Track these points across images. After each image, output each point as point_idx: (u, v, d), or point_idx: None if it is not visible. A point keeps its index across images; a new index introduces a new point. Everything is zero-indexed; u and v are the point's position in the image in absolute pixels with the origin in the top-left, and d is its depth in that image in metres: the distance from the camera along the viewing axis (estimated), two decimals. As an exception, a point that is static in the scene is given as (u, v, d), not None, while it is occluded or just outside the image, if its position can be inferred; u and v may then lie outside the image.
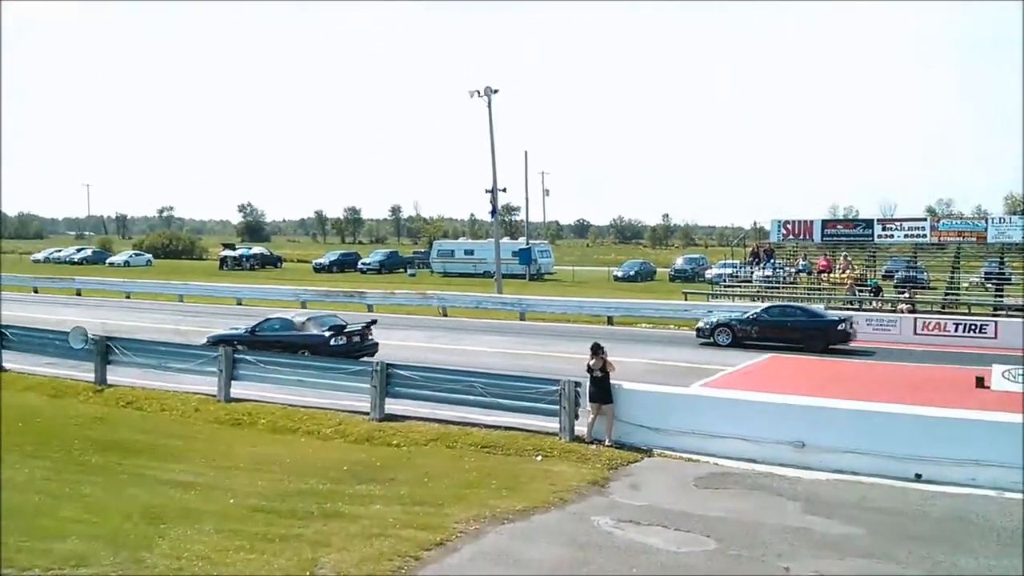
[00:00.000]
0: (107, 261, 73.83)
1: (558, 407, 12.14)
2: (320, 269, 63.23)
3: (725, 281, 35.55)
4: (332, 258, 66.59)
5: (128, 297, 38.36)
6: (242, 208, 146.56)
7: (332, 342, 17.85)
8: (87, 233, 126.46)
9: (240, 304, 35.18)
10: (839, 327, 21.95)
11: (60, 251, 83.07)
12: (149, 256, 78.14)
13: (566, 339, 23.53)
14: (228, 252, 69.69)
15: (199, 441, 12.30)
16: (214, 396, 14.54)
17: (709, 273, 44.89)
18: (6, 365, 17.36)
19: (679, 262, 57.01)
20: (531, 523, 8.77)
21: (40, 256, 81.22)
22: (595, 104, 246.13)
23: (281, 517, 8.83)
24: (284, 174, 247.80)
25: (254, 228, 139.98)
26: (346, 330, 18.54)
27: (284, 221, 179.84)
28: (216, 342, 16.96)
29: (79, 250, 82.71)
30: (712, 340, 22.60)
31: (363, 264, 63.29)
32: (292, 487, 9.95)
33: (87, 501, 9.27)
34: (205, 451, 11.68)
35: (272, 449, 11.94)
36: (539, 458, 11.35)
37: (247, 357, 14.94)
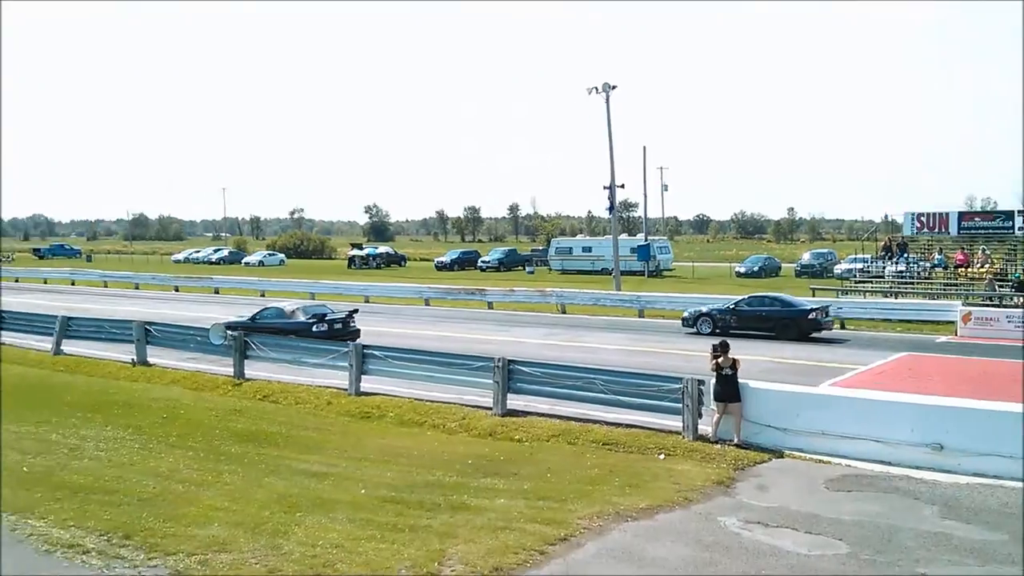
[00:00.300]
0: (243, 261, 77.22)
1: (681, 405, 11.97)
2: (441, 267, 64.43)
3: (855, 277, 34.25)
4: (453, 257, 67.70)
5: (263, 295, 40.00)
6: (368, 209, 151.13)
7: (314, 328, 19.92)
8: (223, 234, 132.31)
9: (368, 301, 36.19)
10: (810, 316, 22.89)
11: (199, 252, 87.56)
12: (282, 256, 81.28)
13: (687, 336, 23.20)
14: (356, 252, 71.80)
15: (331, 433, 12.76)
16: (345, 390, 15.04)
17: (838, 268, 43.35)
18: (152, 360, 18.44)
19: (806, 257, 55.25)
20: (655, 522, 8.71)
21: (180, 257, 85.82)
22: (715, 97, 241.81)
23: (409, 508, 9.06)
24: (407, 176, 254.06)
25: (379, 228, 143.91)
26: (327, 318, 20.66)
27: (407, 221, 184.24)
28: (228, 327, 18.46)
29: (216, 251, 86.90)
30: (696, 329, 24.03)
31: (482, 262, 64.05)
32: (420, 479, 10.20)
33: (228, 489, 9.76)
34: (337, 443, 12.10)
35: (400, 442, 12.26)
36: (662, 456, 11.24)
37: (376, 353, 15.38)
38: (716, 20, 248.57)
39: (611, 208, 40.70)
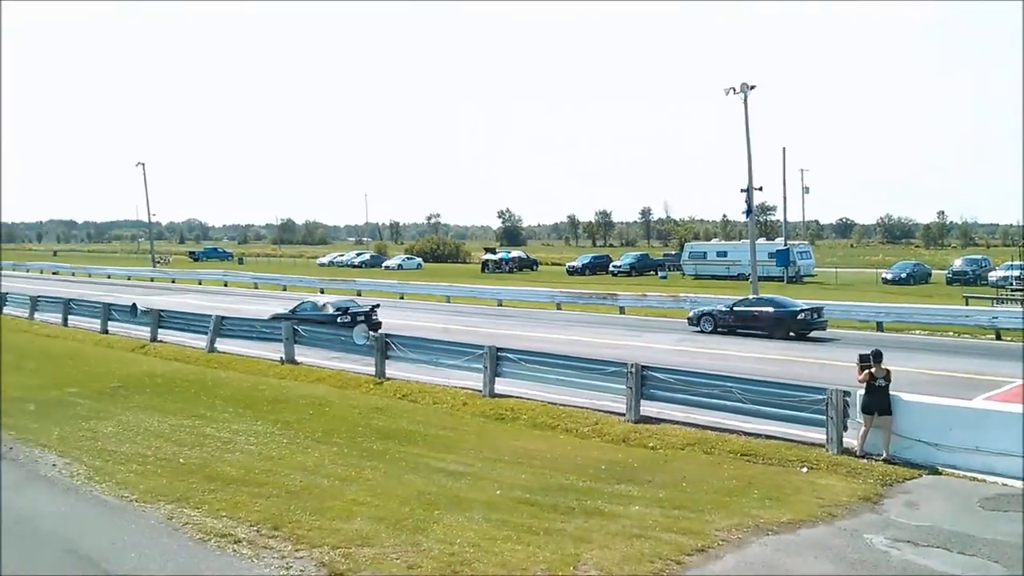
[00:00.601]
0: (383, 264, 79.52)
1: (824, 417, 11.53)
2: (573, 272, 64.44)
3: (1012, 284, 32.14)
4: (584, 261, 67.60)
5: (402, 297, 41.16)
6: (501, 214, 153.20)
7: (338, 319, 22.98)
8: (365, 239, 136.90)
9: (501, 305, 36.66)
10: (799, 317, 24.67)
11: (342, 255, 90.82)
12: (419, 260, 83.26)
13: (828, 345, 22.37)
14: (489, 256, 72.84)
15: (467, 433, 12.98)
16: (480, 392, 15.27)
17: (993, 276, 40.83)
18: (299, 358, 19.24)
19: (958, 263, 52.25)
20: (797, 536, 8.43)
21: (325, 260, 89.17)
22: (859, 96, 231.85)
23: (544, 511, 9.11)
24: (539, 181, 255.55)
25: (512, 233, 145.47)
26: (351, 311, 23.94)
27: (539, 226, 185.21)
28: (274, 318, 22.74)
29: (358, 254, 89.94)
30: (699, 327, 26.07)
31: (614, 267, 63.68)
32: (554, 482, 10.24)
33: (370, 485, 10.08)
34: (472, 443, 12.30)
35: (533, 444, 12.34)
36: (804, 470, 10.87)
37: (510, 356, 15.55)
38: (857, 18, 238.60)
39: (748, 211, 39.57)
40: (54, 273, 68.39)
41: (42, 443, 12.03)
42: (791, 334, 24.21)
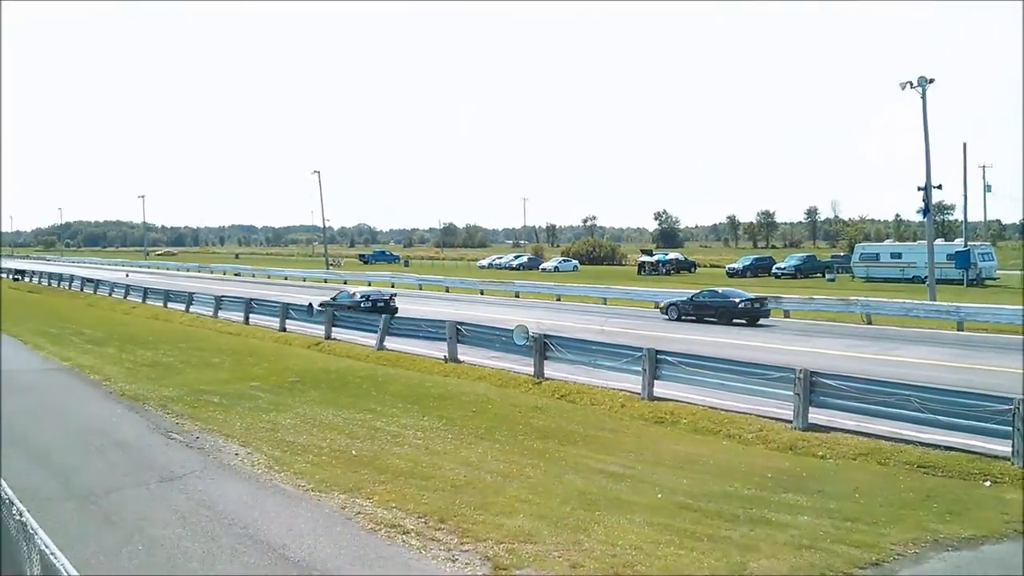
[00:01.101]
0: (540, 267, 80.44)
1: (1010, 428, 10.75)
2: (733, 274, 62.93)
3: None
4: (745, 263, 65.91)
5: (559, 299, 41.46)
6: (658, 215, 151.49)
7: (361, 305, 29.26)
8: (522, 242, 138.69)
9: (658, 307, 36.27)
10: (741, 306, 29.43)
11: (501, 258, 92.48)
12: (576, 262, 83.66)
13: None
14: (646, 258, 72.29)
15: (626, 436, 12.91)
16: (638, 394, 15.15)
17: None
18: (461, 357, 19.72)
19: None
20: (980, 553, 7.91)
21: (484, 263, 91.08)
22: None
23: (707, 517, 8.94)
24: (697, 181, 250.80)
25: (669, 234, 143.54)
26: (371, 298, 30.46)
27: (696, 227, 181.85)
28: (323, 305, 28.16)
29: (516, 257, 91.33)
30: (667, 316, 31.11)
31: (777, 269, 61.73)
32: (717, 488, 10.03)
33: (531, 483, 10.20)
34: (632, 445, 12.22)
35: (694, 449, 12.13)
36: (987, 483, 10.17)
37: (668, 359, 15.35)
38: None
39: (926, 211, 37.42)
40: (236, 275, 73.08)
41: (226, 433, 12.88)
42: (739, 321, 29.26)
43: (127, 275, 64.30)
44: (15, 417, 13.89)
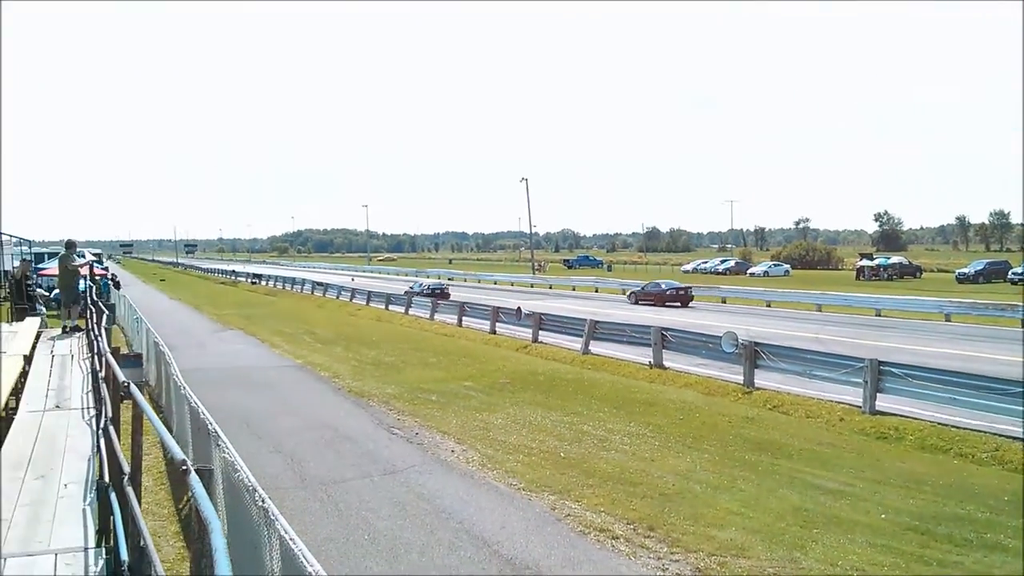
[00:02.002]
0: (748, 271, 78.17)
1: None
2: (964, 280, 58.32)
3: None
4: (977, 267, 60.87)
5: (768, 305, 40.05)
6: (878, 217, 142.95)
7: (423, 293, 40.74)
8: (729, 245, 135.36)
9: (878, 315, 34.25)
10: (668, 293, 41.01)
11: (706, 263, 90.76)
12: (787, 267, 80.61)
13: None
14: (865, 262, 68.44)
15: (845, 451, 12.28)
16: (858, 407, 14.37)
17: None
18: (666, 363, 19.51)
19: None
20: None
21: (689, 267, 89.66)
22: None
23: (936, 540, 8.36)
24: (921, 180, 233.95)
25: (890, 237, 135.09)
26: (432, 288, 44.46)
27: (921, 229, 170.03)
28: (406, 293, 38.96)
29: (722, 261, 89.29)
30: (629, 300, 42.35)
31: (1013, 274, 56.47)
32: (947, 510, 9.35)
33: (743, 496, 9.95)
34: (852, 462, 11.61)
35: (922, 467, 11.35)
36: None
37: (893, 371, 14.46)
38: None
39: None
40: (449, 279, 76.13)
41: (442, 430, 13.46)
42: (673, 304, 39.83)
43: (352, 279, 68.61)
44: (255, 409, 15.19)
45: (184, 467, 3.86)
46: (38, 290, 20.90)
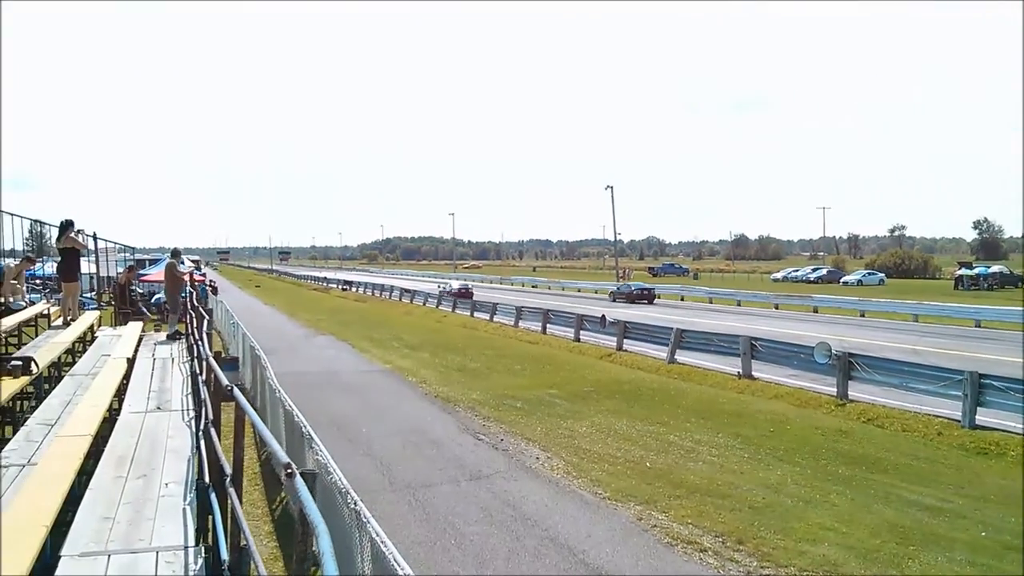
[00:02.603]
0: (840, 280, 76.09)
1: None
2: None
3: None
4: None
5: (862, 315, 38.96)
6: (977, 224, 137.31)
7: (451, 291, 51.13)
8: (820, 253, 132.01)
9: (978, 326, 32.93)
10: (633, 292, 51.93)
11: (796, 271, 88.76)
12: (882, 275, 78.22)
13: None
14: (964, 271, 65.84)
15: (944, 466, 11.84)
16: (957, 421, 13.85)
17: None
18: (755, 374, 19.13)
19: None
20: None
21: (779, 275, 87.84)
22: None
23: (1042, 562, 8.01)
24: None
25: (991, 245, 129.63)
26: (457, 286, 55.79)
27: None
28: (441, 293, 48.36)
29: (814, 269, 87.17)
30: (612, 300, 51.37)
31: None
32: (1053, 531, 8.94)
33: (836, 511, 9.69)
34: (951, 478, 11.18)
35: (1026, 485, 10.87)
36: None
37: (995, 384, 13.88)
38: None
39: None
40: (533, 286, 76.30)
41: (527, 437, 13.50)
42: (641, 300, 49.85)
43: (438, 287, 69.45)
44: (346, 413, 15.51)
45: (289, 470, 3.98)
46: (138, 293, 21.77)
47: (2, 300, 15.21)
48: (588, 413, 15.42)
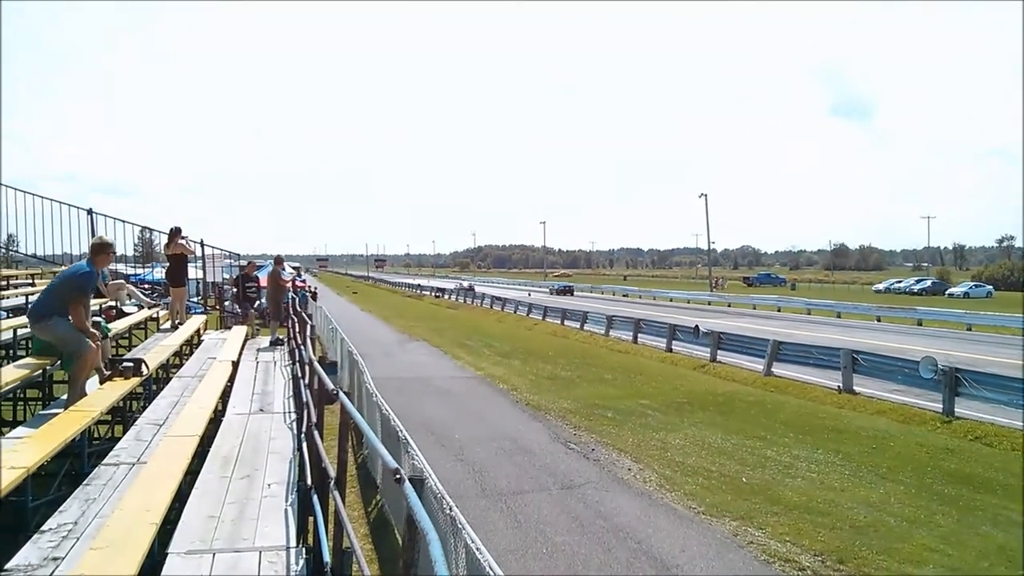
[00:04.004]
0: (946, 292, 73.22)
1: None
2: None
3: None
4: None
5: (969, 329, 37.37)
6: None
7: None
8: (924, 264, 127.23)
9: (1100, 342, 31.17)
10: (557, 290, 78.20)
11: (900, 282, 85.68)
12: (990, 288, 75.03)
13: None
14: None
15: (1060, 490, 11.26)
16: (1075, 442, 13.16)
17: None
18: (856, 388, 18.53)
19: None
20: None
21: (881, 287, 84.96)
22: None
23: None
24: None
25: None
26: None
27: None
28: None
29: (918, 281, 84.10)
30: (550, 293, 75.78)
31: None
32: None
33: (941, 531, 9.31)
34: (1069, 502, 10.63)
35: None
36: None
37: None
38: None
39: None
40: (624, 295, 75.75)
41: (619, 448, 13.41)
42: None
43: (529, 294, 69.68)
44: (438, 418, 15.70)
45: (397, 475, 4.04)
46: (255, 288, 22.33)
47: (115, 304, 15.90)
48: (681, 425, 15.22)
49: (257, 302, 19.04)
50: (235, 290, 19.60)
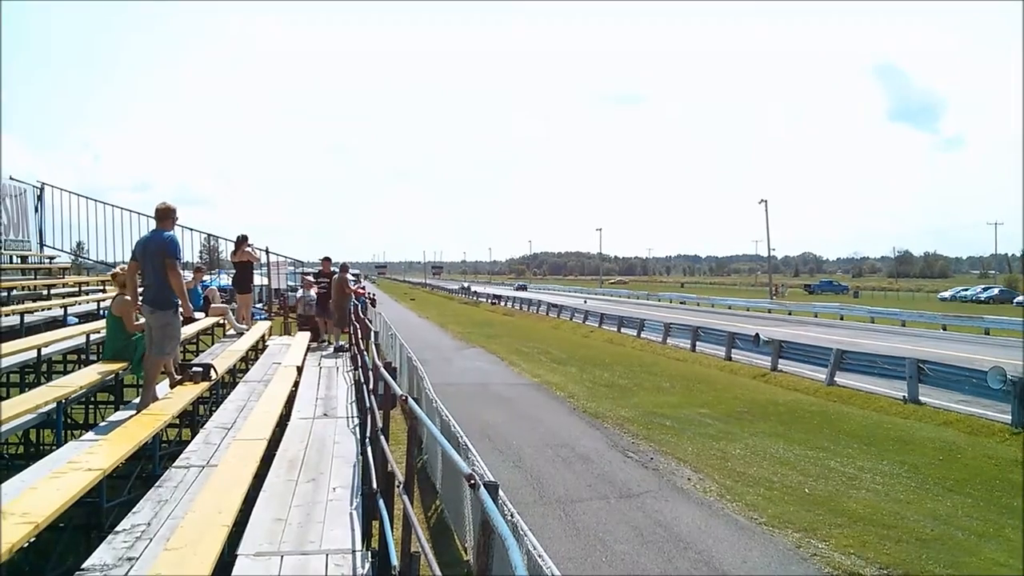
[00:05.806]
0: (1014, 300, 71.12)
1: None
2: None
3: None
4: None
5: (1039, 339, 36.22)
6: None
7: (463, 289, 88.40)
8: (991, 272, 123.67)
9: None
10: (516, 288, 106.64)
11: (966, 290, 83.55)
12: (1062, 296, 72.46)
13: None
14: None
15: None
16: None
17: None
18: (922, 399, 18.11)
19: None
20: None
21: (947, 295, 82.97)
22: None
23: None
24: None
25: None
26: (469, 288, 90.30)
27: None
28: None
29: (985, 289, 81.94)
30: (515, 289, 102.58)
31: None
32: None
33: (1012, 546, 9.07)
34: None
35: None
36: None
37: None
38: None
39: None
40: (681, 303, 75.10)
41: (678, 457, 13.32)
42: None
43: (585, 301, 69.55)
44: (496, 424, 15.78)
45: (471, 481, 4.09)
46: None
47: (223, 322, 16.42)
48: (742, 435, 15.05)
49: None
50: (312, 293, 19.62)
